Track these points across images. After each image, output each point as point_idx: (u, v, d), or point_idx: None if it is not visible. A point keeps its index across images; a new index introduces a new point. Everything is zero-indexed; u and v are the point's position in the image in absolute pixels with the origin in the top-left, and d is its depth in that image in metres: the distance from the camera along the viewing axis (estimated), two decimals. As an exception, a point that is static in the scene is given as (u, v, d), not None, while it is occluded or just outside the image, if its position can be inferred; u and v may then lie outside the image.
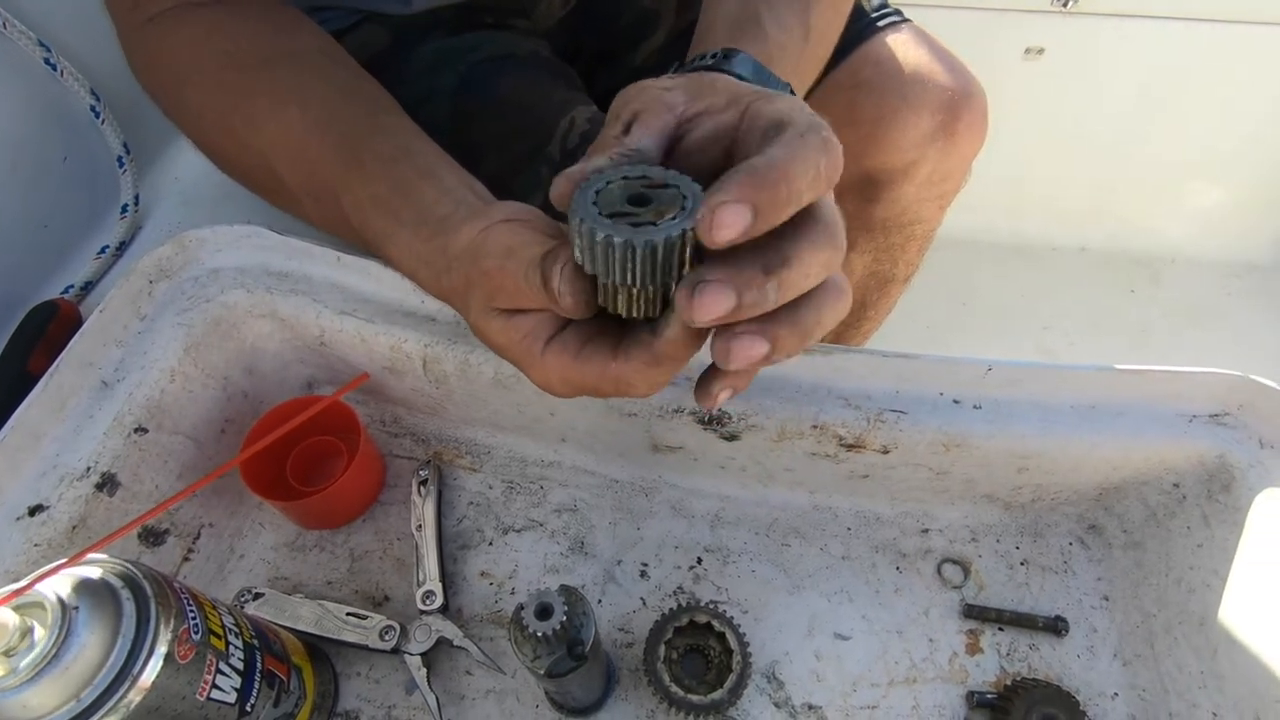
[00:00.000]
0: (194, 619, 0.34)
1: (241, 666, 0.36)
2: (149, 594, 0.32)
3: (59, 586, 0.30)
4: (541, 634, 0.34)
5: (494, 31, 0.62)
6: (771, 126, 0.29)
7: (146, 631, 0.31)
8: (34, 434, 0.44)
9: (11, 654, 0.28)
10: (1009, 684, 0.46)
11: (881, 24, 0.67)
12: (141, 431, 0.47)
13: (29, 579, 0.30)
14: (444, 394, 0.53)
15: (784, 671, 0.47)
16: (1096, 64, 1.17)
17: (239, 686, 0.36)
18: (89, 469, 0.45)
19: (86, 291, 0.69)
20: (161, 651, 0.31)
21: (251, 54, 0.45)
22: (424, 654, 0.46)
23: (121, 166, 0.72)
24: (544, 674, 0.37)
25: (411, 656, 0.46)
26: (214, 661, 0.35)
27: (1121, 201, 1.36)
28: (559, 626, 0.34)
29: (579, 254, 0.28)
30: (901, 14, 0.69)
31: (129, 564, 0.33)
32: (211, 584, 0.50)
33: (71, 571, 0.31)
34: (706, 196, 0.25)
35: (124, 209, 0.72)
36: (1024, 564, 0.52)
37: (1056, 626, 0.48)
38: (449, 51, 0.60)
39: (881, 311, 0.87)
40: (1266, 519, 0.43)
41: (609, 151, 0.30)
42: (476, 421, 0.56)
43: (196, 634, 0.34)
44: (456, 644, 0.47)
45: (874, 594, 0.50)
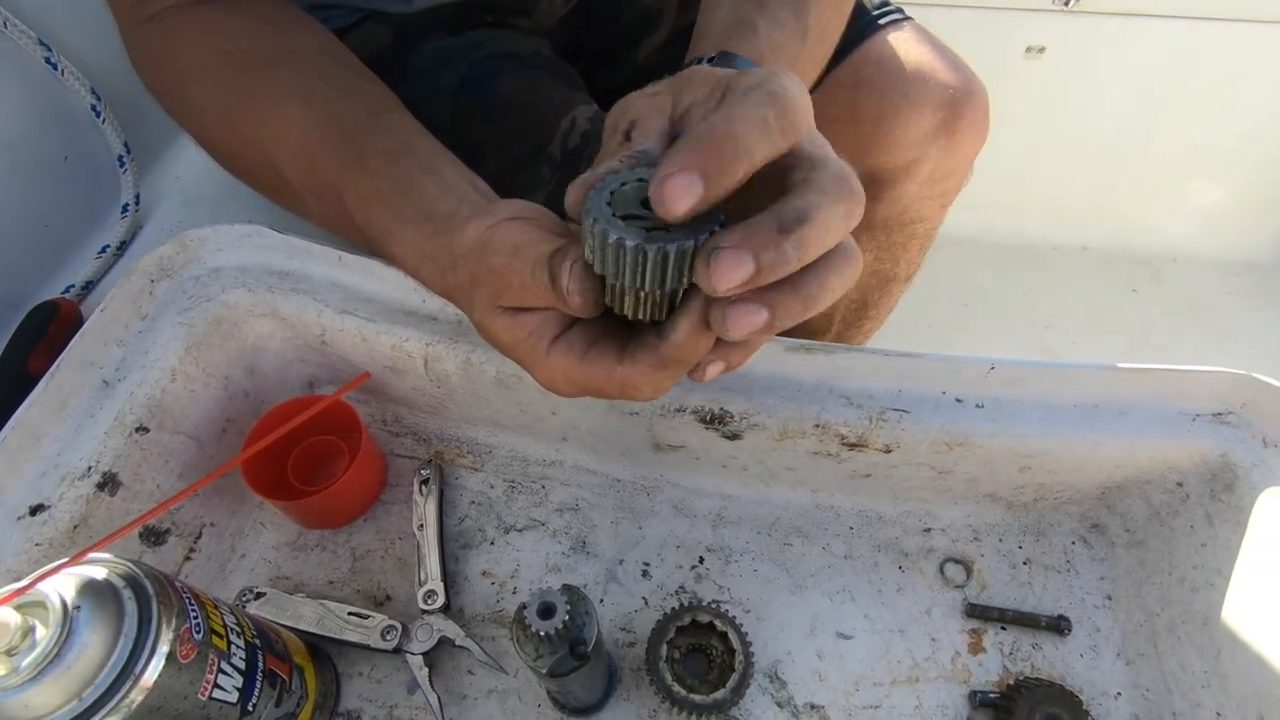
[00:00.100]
0: (196, 618, 0.34)
1: (243, 666, 0.36)
2: (151, 593, 0.32)
3: (61, 586, 0.30)
4: (544, 633, 0.34)
5: (495, 30, 0.62)
6: (730, 95, 0.29)
7: (148, 631, 0.31)
8: (35, 434, 0.44)
9: (13, 653, 0.28)
10: (1012, 683, 0.46)
11: (883, 22, 0.66)
12: (143, 431, 0.47)
13: (31, 578, 0.30)
14: (445, 393, 0.53)
15: (786, 671, 0.47)
16: (1098, 63, 1.17)
17: (241, 686, 0.36)
18: (90, 468, 0.44)
19: (87, 291, 0.69)
20: (163, 651, 0.31)
21: (254, 52, 0.45)
22: (426, 654, 0.46)
23: (122, 166, 0.72)
24: (546, 673, 0.36)
25: (413, 656, 0.46)
26: (216, 661, 0.34)
27: (1123, 200, 1.36)
28: (561, 626, 0.34)
29: (590, 254, 0.28)
30: (903, 12, 0.68)
31: (131, 563, 0.33)
32: (213, 583, 0.50)
33: (73, 571, 0.31)
34: (653, 174, 0.25)
35: (125, 208, 0.73)
36: (1027, 563, 0.52)
37: (1059, 626, 0.48)
38: (450, 50, 0.60)
39: (883, 310, 0.87)
40: (1270, 518, 0.43)
41: (616, 158, 0.30)
42: (478, 421, 0.56)
43: (198, 633, 0.34)
44: (458, 644, 0.47)
45: (876, 593, 0.50)
